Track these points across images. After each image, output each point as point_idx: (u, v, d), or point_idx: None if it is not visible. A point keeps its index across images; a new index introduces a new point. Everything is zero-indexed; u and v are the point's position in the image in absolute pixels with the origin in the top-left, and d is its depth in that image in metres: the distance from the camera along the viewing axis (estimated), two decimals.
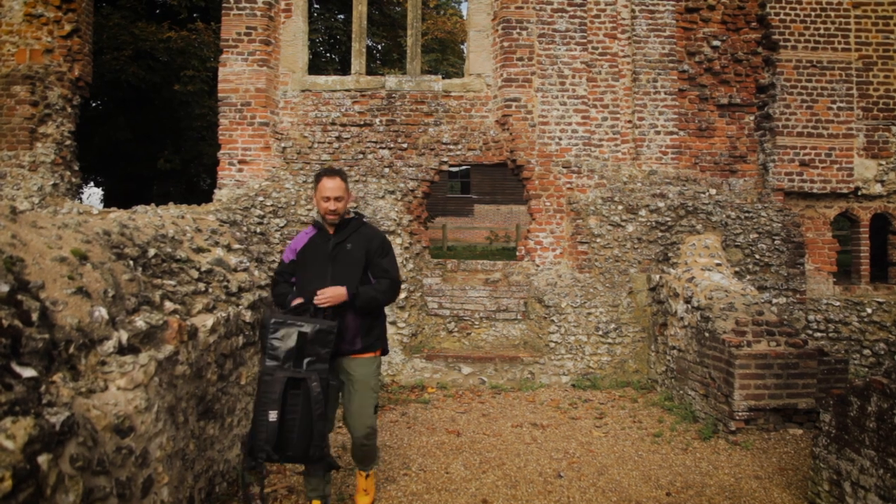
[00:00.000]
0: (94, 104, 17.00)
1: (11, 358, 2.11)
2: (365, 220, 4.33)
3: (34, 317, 2.33)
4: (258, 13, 8.77)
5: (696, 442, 5.99)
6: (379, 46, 22.91)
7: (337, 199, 4.02)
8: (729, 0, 9.19)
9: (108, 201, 20.33)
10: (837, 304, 8.97)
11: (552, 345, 8.32)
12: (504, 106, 8.84)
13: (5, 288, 2.25)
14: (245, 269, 5.70)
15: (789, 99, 9.07)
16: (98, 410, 2.55)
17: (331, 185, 4.01)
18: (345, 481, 4.94)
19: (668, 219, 8.59)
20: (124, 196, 17.57)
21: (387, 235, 8.34)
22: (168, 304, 3.69)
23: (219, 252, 5.45)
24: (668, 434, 6.22)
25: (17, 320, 2.20)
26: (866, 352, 8.81)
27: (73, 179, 9.04)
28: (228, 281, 5.08)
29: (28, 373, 2.14)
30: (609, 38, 9.02)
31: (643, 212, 8.61)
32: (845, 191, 9.12)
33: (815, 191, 9.11)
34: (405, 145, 8.88)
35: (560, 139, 8.87)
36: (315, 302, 3.85)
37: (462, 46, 26.94)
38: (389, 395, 7.28)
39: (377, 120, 8.93)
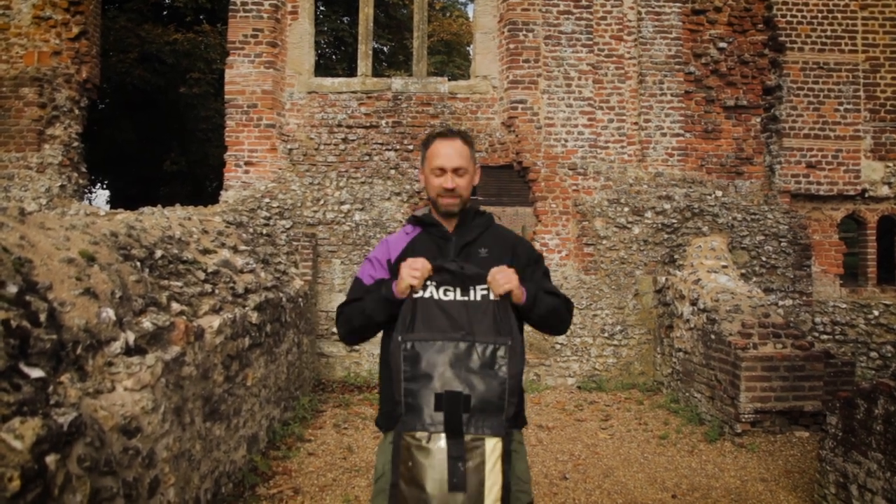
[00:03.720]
0: (100, 106, 17.08)
1: (20, 358, 2.12)
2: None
3: (42, 317, 2.34)
4: (265, 15, 8.78)
5: (701, 444, 5.98)
6: (385, 49, 22.95)
7: (457, 170, 2.43)
8: (735, 2, 9.17)
9: (115, 203, 20.41)
10: (844, 306, 8.93)
11: (558, 346, 8.31)
12: (510, 108, 8.84)
13: (14, 289, 2.26)
14: (251, 271, 5.72)
15: (796, 101, 9.04)
16: (105, 411, 2.56)
17: (447, 150, 2.43)
18: (350, 482, 4.94)
19: (674, 221, 8.58)
20: (131, 198, 17.65)
21: None
22: (175, 306, 3.70)
23: (225, 253, 5.47)
24: (673, 436, 6.21)
25: (25, 321, 2.21)
26: (873, 354, 8.78)
27: (81, 181, 9.07)
28: (235, 282, 5.10)
29: (36, 373, 2.15)
30: (615, 39, 9.01)
31: (649, 214, 8.60)
32: (852, 193, 9.09)
33: (821, 193, 9.08)
34: (411, 147, 8.89)
35: (566, 141, 8.86)
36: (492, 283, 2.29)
37: (468, 48, 26.98)
38: None
39: (383, 122, 8.94)
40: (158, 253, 4.14)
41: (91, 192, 23.42)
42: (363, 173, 8.82)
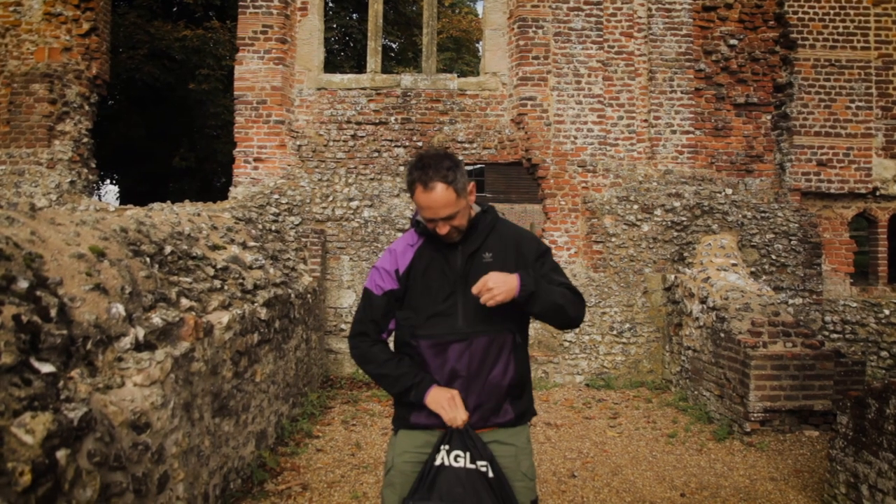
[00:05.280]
0: (109, 102, 17.15)
1: (31, 353, 2.13)
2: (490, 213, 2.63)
3: (53, 313, 2.35)
4: (274, 11, 8.79)
5: (710, 443, 5.95)
6: (394, 45, 22.95)
7: (447, 219, 2.40)
8: None
9: (124, 199, 20.50)
10: (854, 305, 8.88)
11: (566, 344, 8.29)
12: (519, 105, 8.81)
13: (24, 284, 2.27)
14: (260, 267, 5.73)
15: (807, 98, 8.99)
16: (115, 406, 2.56)
17: (430, 203, 2.37)
18: (358, 479, 4.94)
19: (683, 218, 8.55)
20: (140, 194, 17.71)
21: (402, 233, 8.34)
22: (184, 301, 3.71)
23: (234, 249, 5.48)
24: (682, 435, 6.19)
25: (36, 316, 2.22)
26: (884, 353, 8.73)
27: (90, 177, 9.11)
28: (244, 278, 5.11)
29: (47, 368, 2.16)
30: (625, 36, 8.97)
31: (659, 211, 8.57)
32: (863, 191, 9.03)
33: (832, 191, 9.03)
34: (420, 144, 8.88)
35: (575, 138, 8.83)
36: (475, 292, 2.32)
37: (477, 45, 26.96)
38: None
39: (392, 118, 8.93)
40: (168, 249, 4.14)
41: (100, 188, 23.52)
42: (372, 170, 8.82)
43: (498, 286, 2.29)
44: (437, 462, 2.37)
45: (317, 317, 7.76)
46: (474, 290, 2.31)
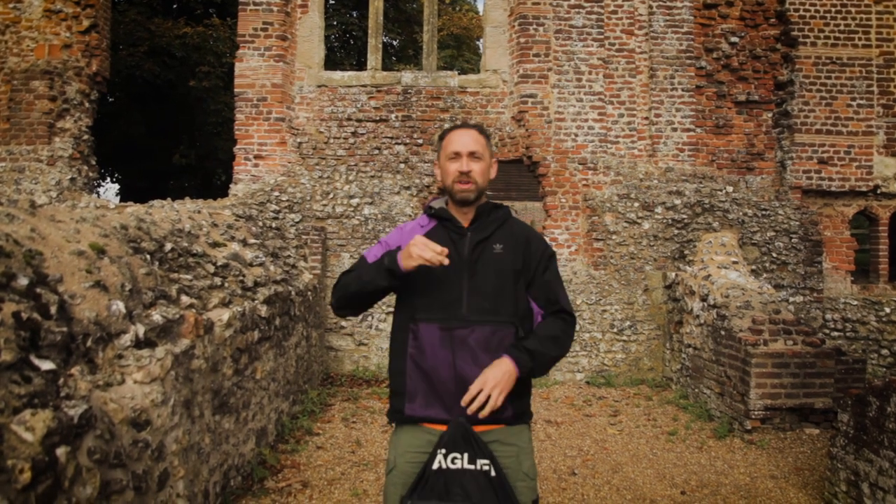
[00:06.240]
0: (110, 100, 17.13)
1: (31, 351, 2.13)
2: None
3: (53, 310, 2.34)
4: (274, 9, 8.78)
5: (711, 441, 5.95)
6: (394, 43, 22.93)
7: (473, 155, 2.44)
8: None
9: (125, 196, 20.49)
10: (855, 303, 8.88)
11: None
12: (520, 102, 8.80)
13: (24, 281, 2.26)
14: (261, 264, 5.72)
15: (808, 96, 8.97)
16: (115, 404, 2.56)
17: (463, 138, 2.45)
18: (359, 476, 4.94)
19: (684, 216, 8.54)
20: (140, 191, 17.70)
21: None
22: (184, 299, 3.70)
23: (234, 247, 5.47)
24: (682, 432, 6.19)
25: (36, 313, 2.21)
26: (884, 351, 8.72)
27: (90, 174, 9.10)
28: (244, 275, 5.10)
29: (47, 365, 2.16)
30: (626, 34, 8.96)
31: (659, 209, 8.56)
32: (864, 189, 9.02)
33: (833, 189, 9.02)
34: (421, 141, 8.87)
35: (576, 136, 8.82)
36: (464, 404, 2.26)
37: (478, 42, 26.90)
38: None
39: (393, 115, 8.92)
40: (168, 246, 4.14)
41: (101, 186, 23.52)
42: (372, 167, 8.81)
43: (497, 382, 2.24)
44: (435, 466, 2.31)
45: (317, 314, 7.75)
46: (463, 401, 2.25)
